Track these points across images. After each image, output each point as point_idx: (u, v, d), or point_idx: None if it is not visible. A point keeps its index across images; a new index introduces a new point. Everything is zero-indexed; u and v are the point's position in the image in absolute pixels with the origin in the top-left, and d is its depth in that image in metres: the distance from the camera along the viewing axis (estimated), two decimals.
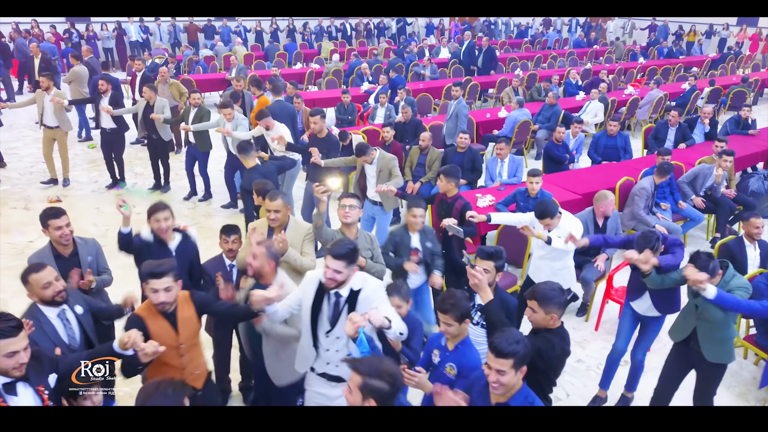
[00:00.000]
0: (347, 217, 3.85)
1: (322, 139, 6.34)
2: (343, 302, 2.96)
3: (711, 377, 3.56)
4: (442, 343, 2.96)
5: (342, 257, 2.86)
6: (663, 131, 8.45)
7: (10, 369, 2.31)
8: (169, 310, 2.88)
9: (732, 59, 16.93)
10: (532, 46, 20.10)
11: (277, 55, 15.90)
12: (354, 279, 2.98)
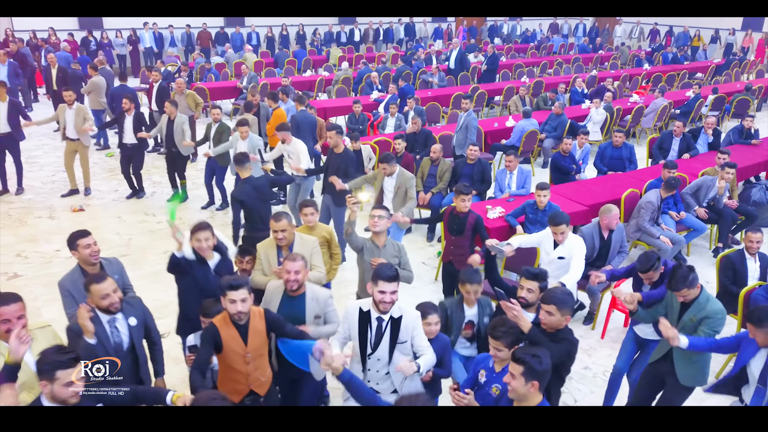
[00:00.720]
0: (376, 227, 4.13)
1: (339, 154, 6.48)
2: (385, 326, 3.22)
3: (678, 395, 3.64)
4: (489, 365, 3.14)
5: (393, 279, 3.13)
6: (667, 141, 8.66)
7: (68, 398, 2.54)
8: (242, 321, 3.15)
9: (736, 65, 17.10)
10: (537, 51, 20.29)
11: (287, 62, 16.16)
12: (396, 306, 3.24)
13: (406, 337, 3.22)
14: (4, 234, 7.18)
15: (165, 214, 7.46)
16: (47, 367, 2.48)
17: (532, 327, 3.10)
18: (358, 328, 3.25)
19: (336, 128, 6.50)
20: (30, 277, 6.22)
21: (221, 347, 3.13)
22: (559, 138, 9.67)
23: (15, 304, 2.95)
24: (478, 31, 23.93)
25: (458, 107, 11.97)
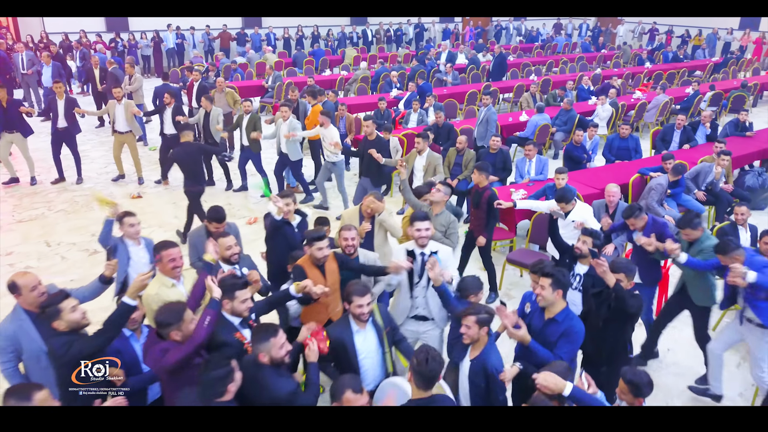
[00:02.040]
0: (434, 196, 5.02)
1: (373, 141, 7.53)
2: (427, 258, 4.10)
3: (700, 316, 4.84)
4: (533, 299, 3.81)
5: (423, 218, 4.10)
6: (669, 133, 9.48)
7: (243, 311, 3.40)
8: (322, 263, 4.01)
9: (733, 63, 17.92)
10: (543, 50, 21.11)
11: (305, 62, 16.97)
12: (431, 244, 4.18)
13: (447, 263, 4.15)
14: (76, 218, 8.01)
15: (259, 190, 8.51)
16: (228, 288, 3.33)
17: (616, 282, 3.74)
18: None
19: (371, 118, 7.61)
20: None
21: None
22: (568, 132, 10.50)
23: (176, 248, 3.82)
24: (484, 30, 24.73)
25: (473, 103, 12.84)
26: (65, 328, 3.11)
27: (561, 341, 3.42)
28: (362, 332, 3.50)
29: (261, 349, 3.00)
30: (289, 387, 3.01)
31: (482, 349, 3.30)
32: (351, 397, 2.72)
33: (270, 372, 2.97)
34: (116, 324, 3.19)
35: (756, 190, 8.26)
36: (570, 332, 3.43)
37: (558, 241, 4.95)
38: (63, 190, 9.01)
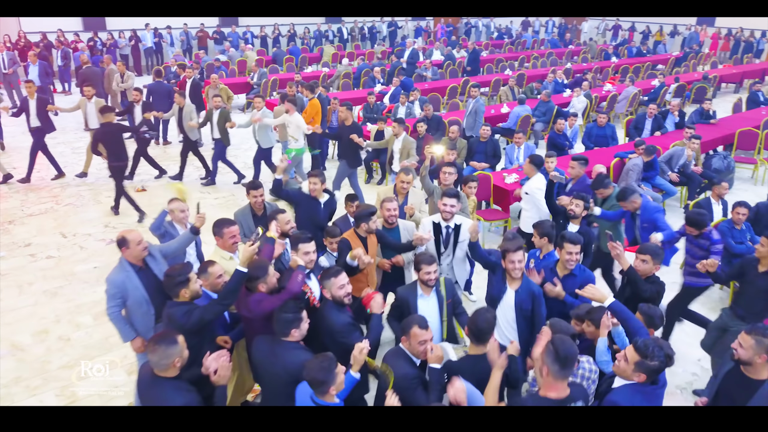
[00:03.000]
0: (447, 180, 5.50)
1: (350, 126, 8.18)
2: (451, 230, 4.62)
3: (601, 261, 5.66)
4: (536, 255, 4.48)
5: (453, 196, 4.59)
6: (642, 122, 10.20)
7: (308, 263, 3.86)
8: (365, 236, 4.50)
9: (693, 57, 18.94)
10: (513, 46, 21.85)
11: (285, 60, 17.30)
12: (456, 217, 4.67)
13: (464, 237, 4.64)
14: (85, 211, 8.26)
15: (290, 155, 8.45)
16: (293, 241, 3.86)
17: (630, 266, 4.02)
18: (434, 234, 4.68)
19: (347, 105, 8.23)
20: None
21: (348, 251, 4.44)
22: (547, 122, 11.15)
23: (236, 225, 4.22)
24: (455, 27, 25.39)
25: (453, 97, 13.41)
26: (188, 298, 3.44)
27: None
28: (426, 298, 3.94)
29: (325, 286, 3.54)
30: (346, 320, 3.50)
31: (522, 279, 3.85)
32: (417, 331, 3.16)
33: (330, 305, 3.50)
34: (233, 291, 3.49)
35: (722, 171, 8.99)
36: (589, 280, 4.00)
37: (552, 205, 5.53)
38: (66, 185, 9.22)
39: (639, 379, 2.82)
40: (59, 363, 5.04)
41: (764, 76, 17.18)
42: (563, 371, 2.68)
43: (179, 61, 15.59)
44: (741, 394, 3.04)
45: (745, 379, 3.07)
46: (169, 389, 2.87)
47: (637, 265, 4.06)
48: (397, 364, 3.13)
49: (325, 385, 2.80)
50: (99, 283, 6.29)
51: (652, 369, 2.79)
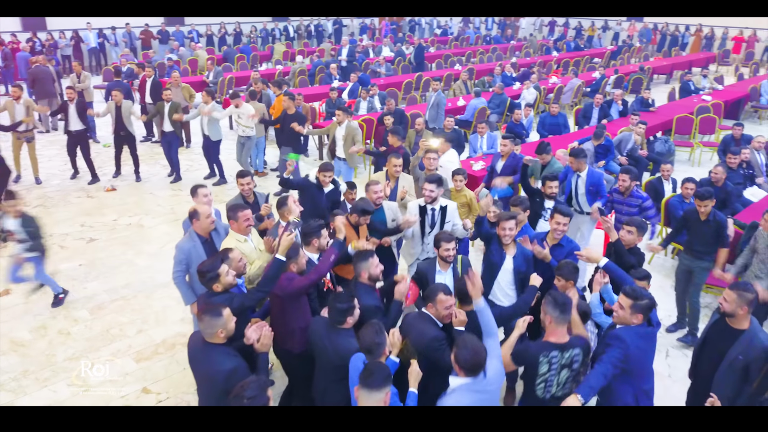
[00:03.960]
0: (431, 165, 5.86)
1: (292, 114, 8.55)
2: (438, 213, 5.00)
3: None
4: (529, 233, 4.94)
5: (434, 181, 4.93)
6: (589, 111, 10.92)
7: (324, 246, 4.15)
8: (357, 226, 4.82)
9: (627, 51, 20.11)
10: (458, 42, 22.53)
11: (237, 58, 17.31)
12: (440, 200, 5.04)
13: (450, 218, 5.03)
14: (56, 212, 8.20)
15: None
16: (311, 231, 4.09)
17: (618, 239, 4.40)
18: (420, 216, 5.06)
19: (288, 95, 8.58)
20: (106, 239, 7.39)
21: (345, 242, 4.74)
22: (501, 113, 11.76)
23: (249, 209, 4.45)
24: (399, 25, 25.90)
25: (408, 92, 13.85)
26: (222, 290, 3.60)
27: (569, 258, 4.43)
28: (443, 273, 4.28)
29: (362, 268, 3.79)
30: (375, 302, 3.79)
31: (516, 246, 4.31)
32: (443, 297, 3.47)
33: (363, 288, 3.76)
34: (272, 279, 3.67)
35: (664, 154, 9.78)
36: (575, 250, 4.45)
37: (527, 186, 6.00)
38: (30, 188, 9.06)
39: (637, 320, 3.28)
40: (64, 355, 5.13)
41: (691, 67, 18.45)
42: (563, 316, 3.11)
43: (130, 61, 15.37)
44: (725, 342, 3.53)
45: (728, 329, 3.56)
46: (217, 354, 3.13)
47: (623, 236, 4.48)
48: (426, 328, 3.41)
49: (381, 347, 3.10)
50: (88, 279, 6.41)
51: (645, 307, 3.27)
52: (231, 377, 3.04)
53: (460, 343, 2.91)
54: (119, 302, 5.99)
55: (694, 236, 5.35)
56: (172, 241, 7.18)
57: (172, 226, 7.78)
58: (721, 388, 3.41)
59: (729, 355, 3.48)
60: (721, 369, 3.51)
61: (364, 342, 3.13)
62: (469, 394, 2.84)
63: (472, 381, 2.87)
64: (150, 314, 5.80)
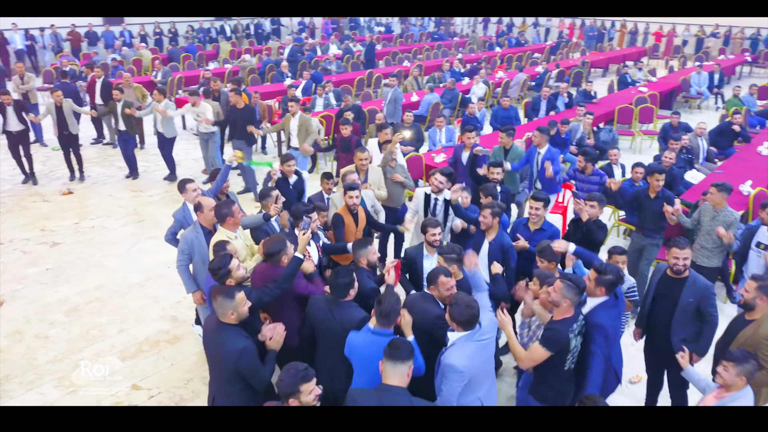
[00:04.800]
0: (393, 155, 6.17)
1: (241, 109, 8.63)
2: (442, 203, 5.28)
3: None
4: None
5: (446, 174, 5.21)
6: (537, 103, 11.42)
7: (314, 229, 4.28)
8: (354, 210, 4.97)
9: (564, 46, 20.96)
10: (403, 39, 22.88)
11: (183, 58, 17.04)
12: (446, 192, 5.30)
13: (452, 212, 5.27)
14: (13, 217, 7.97)
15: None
16: (302, 214, 4.23)
17: (589, 219, 4.80)
18: (423, 205, 5.32)
19: (236, 90, 8.69)
20: (70, 243, 7.25)
21: (345, 228, 4.92)
22: (453, 108, 12.11)
23: (236, 206, 4.50)
24: (339, 24, 26.04)
25: (361, 89, 14.04)
26: (235, 284, 3.63)
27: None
28: (430, 258, 4.49)
29: (361, 255, 3.97)
30: (372, 285, 3.99)
31: (496, 233, 4.56)
32: (444, 280, 3.66)
33: (362, 272, 3.95)
34: (291, 276, 3.78)
35: (609, 142, 10.36)
36: (555, 234, 4.78)
37: (475, 175, 6.34)
38: None
39: (600, 292, 3.58)
40: (46, 358, 5.08)
41: (625, 61, 19.42)
42: (577, 297, 3.37)
43: (72, 62, 14.90)
44: (674, 291, 3.98)
45: (673, 280, 4.01)
46: (230, 333, 3.24)
47: (588, 210, 4.87)
48: (429, 307, 3.61)
49: (396, 314, 3.32)
50: (57, 283, 6.32)
51: (609, 282, 3.56)
52: (242, 356, 3.16)
53: (453, 301, 3.14)
54: (95, 304, 5.94)
55: (645, 214, 5.82)
56: (140, 242, 7.26)
57: (138, 227, 7.72)
58: (680, 333, 3.84)
59: (681, 302, 3.93)
60: (676, 316, 3.95)
61: (384, 306, 3.30)
62: (468, 344, 3.08)
63: (470, 333, 3.12)
64: (128, 314, 5.78)
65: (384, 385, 2.87)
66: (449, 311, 3.15)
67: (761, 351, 3.49)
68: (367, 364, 3.31)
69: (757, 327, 3.55)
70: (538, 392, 3.54)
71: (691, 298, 3.92)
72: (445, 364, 3.07)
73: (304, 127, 8.43)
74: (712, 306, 3.96)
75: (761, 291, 3.57)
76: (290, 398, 2.74)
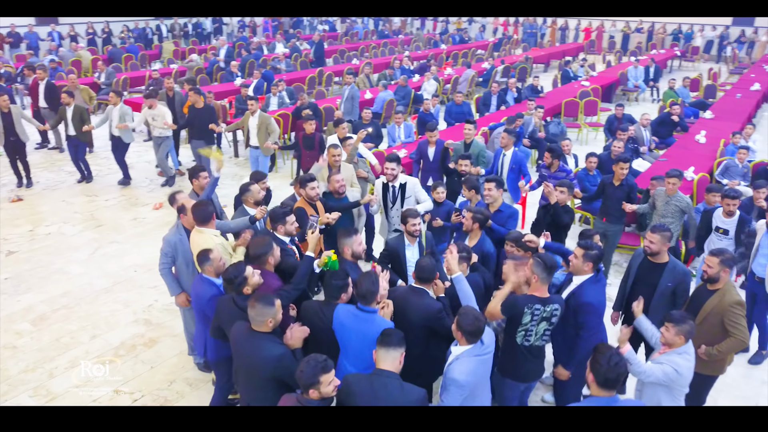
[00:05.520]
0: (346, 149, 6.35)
1: (200, 108, 8.56)
2: (398, 189, 5.41)
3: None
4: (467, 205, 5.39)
5: (393, 160, 5.36)
6: (488, 98, 11.75)
7: (292, 231, 4.37)
8: (314, 202, 5.06)
9: (506, 42, 21.55)
10: (349, 37, 22.95)
11: (125, 58, 16.57)
12: (401, 177, 5.46)
13: (410, 193, 5.46)
14: None
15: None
16: (280, 216, 4.29)
17: (557, 203, 5.07)
18: (382, 193, 5.53)
19: (194, 89, 8.61)
20: (27, 251, 7.00)
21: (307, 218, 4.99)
22: (407, 104, 12.30)
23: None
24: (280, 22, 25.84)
25: (313, 87, 14.06)
26: (251, 291, 3.61)
27: (509, 222, 5.04)
28: (411, 247, 4.62)
29: (345, 244, 4.06)
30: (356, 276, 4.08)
31: (478, 238, 4.65)
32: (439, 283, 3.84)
33: (349, 264, 4.03)
34: (306, 275, 3.82)
35: (558, 135, 10.78)
36: (514, 215, 5.06)
37: (446, 168, 6.66)
38: None
39: (588, 268, 3.82)
40: (17, 368, 4.92)
41: (565, 56, 20.15)
42: (548, 276, 3.57)
43: (6, 64, 14.25)
44: (653, 276, 4.24)
45: (653, 265, 4.27)
46: (266, 341, 3.24)
47: (557, 195, 5.16)
48: (429, 303, 3.71)
49: (373, 295, 3.42)
50: (19, 292, 6.14)
51: (595, 256, 3.82)
52: (281, 362, 3.17)
53: (463, 312, 3.26)
54: (62, 311, 5.78)
55: (609, 201, 6.14)
56: (102, 247, 7.11)
57: (98, 232, 7.53)
58: (657, 315, 4.09)
59: (660, 286, 4.19)
60: (654, 298, 4.21)
61: (360, 288, 3.42)
62: (470, 359, 3.20)
63: (473, 347, 3.23)
64: (99, 320, 5.66)
65: (378, 370, 2.99)
66: (458, 322, 3.24)
67: (727, 317, 3.79)
68: (350, 337, 3.46)
69: (722, 296, 3.85)
70: (499, 360, 3.80)
71: (669, 282, 4.17)
72: (449, 378, 3.19)
73: (264, 126, 8.41)
74: (685, 292, 4.22)
75: (723, 264, 3.87)
76: (310, 389, 2.81)
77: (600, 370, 2.86)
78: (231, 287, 3.58)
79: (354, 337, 3.42)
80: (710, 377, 4.02)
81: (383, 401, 2.85)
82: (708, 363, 3.91)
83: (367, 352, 3.28)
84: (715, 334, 3.86)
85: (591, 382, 2.93)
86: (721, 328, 3.85)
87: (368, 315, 3.42)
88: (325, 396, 2.84)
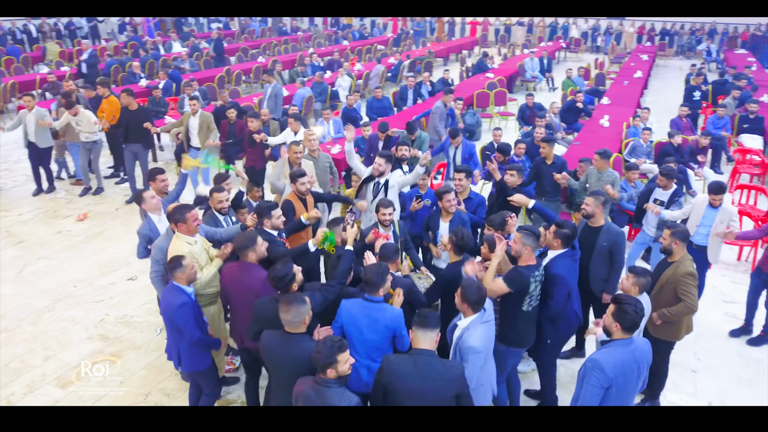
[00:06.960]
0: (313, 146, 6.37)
1: (134, 110, 8.40)
2: (381, 185, 5.51)
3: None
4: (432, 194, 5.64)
5: (384, 157, 5.45)
6: (404, 93, 12.07)
7: (279, 225, 4.34)
8: (304, 197, 5.04)
9: (405, 38, 22.08)
10: (248, 35, 22.48)
11: (5, 61, 15.24)
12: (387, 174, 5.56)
13: (393, 183, 5.55)
14: None
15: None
16: (266, 210, 4.28)
17: (502, 178, 5.48)
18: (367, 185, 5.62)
19: (127, 91, 8.44)
20: None
21: (296, 213, 4.99)
22: (324, 101, 12.34)
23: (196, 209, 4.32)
24: (162, 21, 24.78)
25: (222, 87, 13.71)
26: (298, 288, 3.58)
27: (479, 209, 5.30)
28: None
29: (336, 232, 4.18)
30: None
31: (453, 214, 4.91)
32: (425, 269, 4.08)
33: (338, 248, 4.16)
34: (348, 269, 3.84)
35: (474, 124, 11.32)
36: (482, 203, 5.32)
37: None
38: None
39: (557, 244, 4.15)
40: None
41: (462, 50, 21.00)
42: (535, 243, 3.86)
43: None
44: (591, 238, 4.68)
45: (591, 229, 4.74)
46: (302, 341, 3.22)
47: (507, 178, 5.55)
48: (399, 280, 3.92)
49: (377, 287, 3.51)
50: None
51: (565, 235, 4.14)
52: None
53: (465, 284, 3.46)
54: (3, 335, 5.34)
55: (544, 180, 6.59)
56: (29, 264, 6.68)
57: (20, 248, 7.00)
58: (597, 274, 4.61)
59: (597, 246, 4.66)
60: (593, 258, 4.68)
61: (366, 275, 3.53)
62: (479, 326, 3.40)
63: (479, 315, 3.44)
64: (48, 340, 5.29)
65: (417, 350, 3.11)
66: (462, 293, 3.42)
67: (680, 287, 4.24)
68: (357, 326, 3.53)
69: (676, 267, 4.30)
70: (502, 335, 3.98)
71: (605, 242, 4.64)
72: (466, 348, 3.36)
73: (205, 125, 8.31)
74: (619, 251, 4.68)
75: (674, 236, 4.34)
76: (328, 369, 2.88)
77: (627, 317, 3.13)
78: (279, 285, 3.52)
79: (366, 328, 3.50)
80: (668, 342, 4.48)
81: (430, 379, 2.98)
82: (665, 329, 4.36)
83: (383, 342, 3.44)
84: (670, 302, 4.28)
85: (615, 329, 3.19)
86: (675, 296, 4.27)
87: (377, 305, 3.52)
88: (341, 374, 2.93)
